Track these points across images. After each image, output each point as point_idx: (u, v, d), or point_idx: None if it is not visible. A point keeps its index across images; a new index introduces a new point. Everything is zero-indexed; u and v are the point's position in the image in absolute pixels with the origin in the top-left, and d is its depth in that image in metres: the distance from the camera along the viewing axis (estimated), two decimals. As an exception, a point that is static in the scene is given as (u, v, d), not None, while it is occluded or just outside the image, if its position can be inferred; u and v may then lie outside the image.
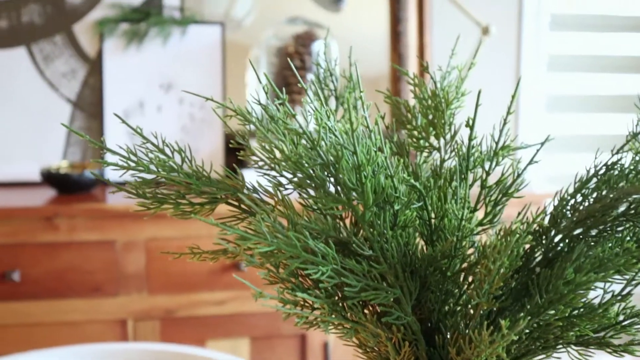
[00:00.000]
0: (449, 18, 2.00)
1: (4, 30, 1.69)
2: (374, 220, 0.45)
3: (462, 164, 0.52)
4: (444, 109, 0.56)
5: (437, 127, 0.56)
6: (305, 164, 0.44)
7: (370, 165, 0.43)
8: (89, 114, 1.73)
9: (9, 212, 1.46)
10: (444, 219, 0.49)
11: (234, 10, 1.93)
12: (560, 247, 0.48)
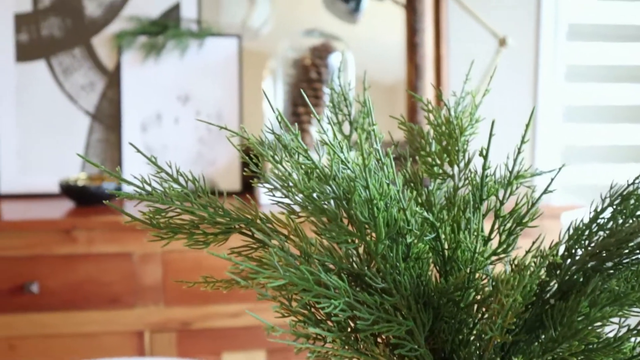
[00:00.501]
0: (466, 29, 1.99)
1: (24, 43, 1.71)
2: (386, 253, 0.45)
3: (475, 193, 0.52)
4: (458, 136, 0.56)
5: (451, 154, 0.56)
6: (317, 197, 0.44)
7: (382, 200, 0.43)
8: (107, 126, 1.75)
9: (28, 224, 1.47)
10: (457, 250, 0.49)
11: (251, 20, 1.94)
12: (575, 279, 0.48)
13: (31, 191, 1.71)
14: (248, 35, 1.89)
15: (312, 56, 1.72)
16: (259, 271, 0.42)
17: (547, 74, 2.09)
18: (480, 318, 0.49)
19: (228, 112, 1.76)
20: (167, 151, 1.74)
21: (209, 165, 1.76)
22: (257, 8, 1.96)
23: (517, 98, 2.10)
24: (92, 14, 1.74)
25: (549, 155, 2.11)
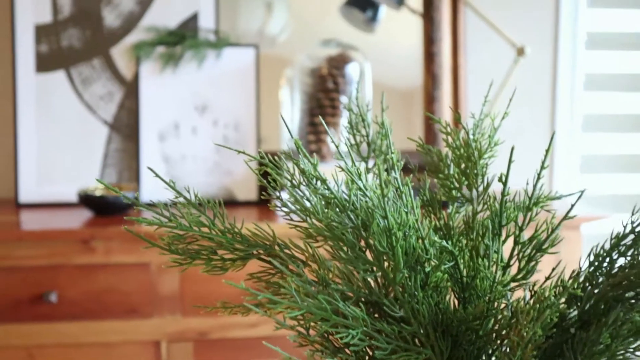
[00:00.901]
0: (483, 38, 1.98)
1: (44, 54, 1.73)
2: (404, 282, 0.45)
3: (494, 219, 0.51)
4: (477, 159, 0.56)
5: (470, 177, 0.55)
6: (335, 227, 0.44)
7: (401, 230, 0.43)
8: (125, 136, 1.76)
9: (47, 234, 1.49)
10: (476, 279, 0.48)
11: (269, 28, 1.95)
12: (596, 309, 0.47)
13: (50, 200, 1.72)
14: (265, 42, 1.90)
15: (329, 66, 1.72)
16: (277, 301, 0.42)
17: (565, 83, 2.07)
18: (499, 346, 0.49)
19: (245, 121, 1.77)
20: (184, 161, 1.75)
21: (226, 175, 1.76)
22: (274, 16, 1.97)
23: (536, 107, 2.09)
24: (111, 24, 1.76)
25: (568, 165, 2.10)
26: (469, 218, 0.55)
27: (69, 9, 1.74)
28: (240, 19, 1.90)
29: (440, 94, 1.92)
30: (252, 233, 0.51)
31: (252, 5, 1.94)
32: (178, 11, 1.77)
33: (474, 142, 0.55)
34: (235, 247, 0.49)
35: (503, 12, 2.03)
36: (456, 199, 0.57)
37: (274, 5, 1.97)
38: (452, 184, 0.57)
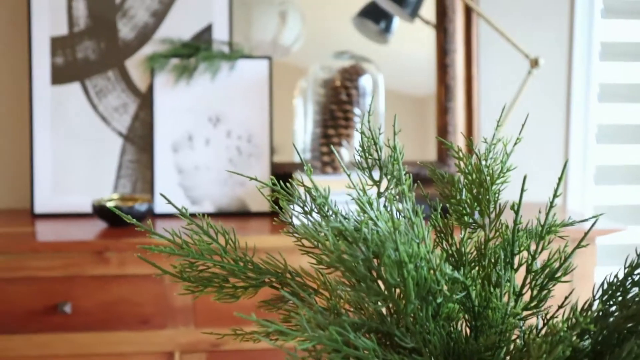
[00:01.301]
0: (497, 49, 1.98)
1: (59, 66, 1.75)
2: (415, 313, 0.45)
3: (506, 248, 0.51)
4: (489, 186, 0.56)
5: (482, 203, 0.55)
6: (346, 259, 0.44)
7: (412, 262, 0.43)
8: (139, 147, 1.77)
9: (62, 245, 1.50)
10: (488, 310, 0.48)
11: (282, 38, 1.95)
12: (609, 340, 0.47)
13: (65, 211, 1.74)
14: (279, 52, 1.90)
15: (342, 78, 1.72)
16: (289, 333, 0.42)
17: (580, 94, 2.06)
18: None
19: (259, 133, 1.77)
20: (197, 172, 1.76)
21: (238, 186, 1.77)
22: (288, 26, 1.97)
23: (550, 118, 2.08)
24: (126, 36, 1.77)
25: (582, 176, 2.08)
26: (480, 245, 0.54)
27: (84, 21, 1.76)
28: (254, 29, 1.91)
29: (453, 105, 1.92)
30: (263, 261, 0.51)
31: (266, 15, 1.95)
32: (192, 23, 1.79)
33: (486, 167, 0.55)
34: (247, 276, 0.49)
35: (517, 23, 2.03)
36: (468, 225, 0.57)
37: (288, 15, 1.98)
38: (464, 210, 0.57)
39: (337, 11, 1.98)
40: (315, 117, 1.75)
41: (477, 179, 0.56)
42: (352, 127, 1.72)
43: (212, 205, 1.76)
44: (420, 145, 1.99)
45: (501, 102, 1.96)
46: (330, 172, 1.71)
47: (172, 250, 0.52)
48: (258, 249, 1.60)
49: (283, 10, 1.99)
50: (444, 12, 1.91)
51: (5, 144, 1.88)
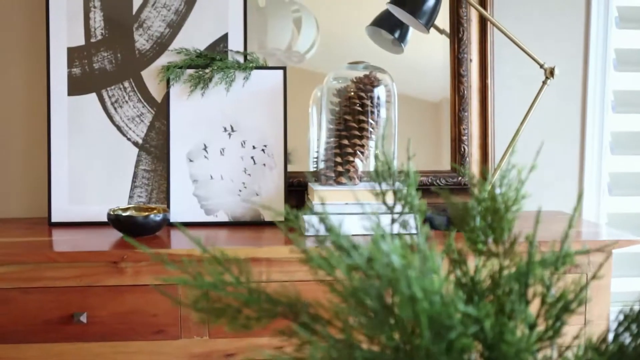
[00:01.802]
0: (511, 59, 1.97)
1: (76, 76, 1.76)
2: (429, 347, 0.45)
3: (520, 279, 0.51)
4: (504, 214, 0.56)
5: (496, 231, 0.55)
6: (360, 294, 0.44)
7: (425, 299, 0.43)
8: (155, 157, 1.78)
9: (78, 255, 1.51)
10: (502, 341, 0.48)
11: (297, 45, 1.96)
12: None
13: (81, 219, 1.75)
14: (294, 59, 1.91)
15: (356, 88, 1.72)
16: (302, 367, 0.42)
17: (595, 103, 2.05)
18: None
19: (273, 142, 1.78)
20: (212, 181, 1.77)
21: (253, 196, 1.78)
22: (302, 32, 1.98)
23: (565, 127, 2.07)
24: (142, 47, 1.78)
25: (597, 186, 2.07)
26: (495, 273, 0.54)
27: (101, 32, 1.77)
28: (269, 36, 1.92)
29: (467, 114, 1.92)
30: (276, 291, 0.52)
31: (281, 22, 1.95)
32: (207, 33, 1.80)
33: (501, 196, 0.55)
34: (260, 307, 0.50)
35: (532, 32, 2.02)
36: (482, 253, 0.56)
37: (302, 21, 1.98)
38: (478, 237, 0.57)
39: (353, 17, 1.98)
40: (329, 126, 1.75)
41: (492, 206, 0.56)
42: (367, 138, 1.72)
43: (226, 215, 1.77)
44: (434, 151, 1.98)
45: (516, 111, 1.95)
46: (344, 182, 1.71)
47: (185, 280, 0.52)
48: (272, 260, 1.60)
49: (297, 17, 2.00)
50: (459, 22, 1.91)
51: (23, 154, 1.90)
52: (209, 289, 0.52)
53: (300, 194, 1.85)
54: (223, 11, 1.80)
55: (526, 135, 1.97)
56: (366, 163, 1.74)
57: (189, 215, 1.76)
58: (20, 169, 1.91)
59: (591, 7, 2.01)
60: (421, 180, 1.91)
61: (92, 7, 1.77)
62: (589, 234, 1.75)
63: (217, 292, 0.50)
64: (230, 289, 0.50)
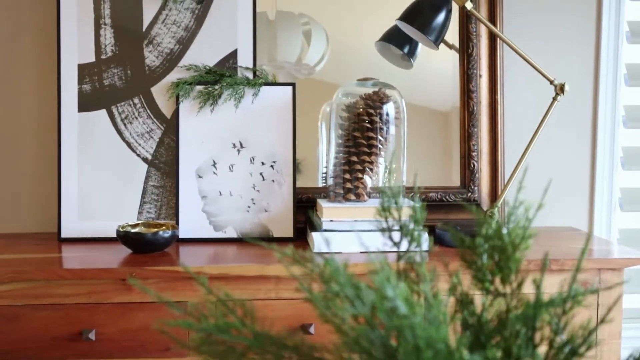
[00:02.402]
0: (522, 74, 1.96)
1: (87, 93, 1.77)
2: (435, 395, 0.45)
3: (528, 323, 0.51)
4: (511, 253, 0.55)
5: (504, 271, 0.55)
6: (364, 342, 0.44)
7: (430, 348, 0.43)
8: (164, 173, 1.79)
9: (87, 273, 1.51)
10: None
11: (307, 57, 1.96)
12: None
13: (90, 235, 1.76)
14: (304, 71, 1.92)
15: (365, 105, 1.72)
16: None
17: (605, 118, 2.04)
18: None
19: (282, 159, 1.78)
20: (221, 198, 1.77)
21: (262, 212, 1.78)
22: (312, 45, 1.98)
23: (576, 143, 2.06)
24: (151, 63, 1.79)
25: (608, 201, 2.06)
26: (501, 314, 0.54)
27: (111, 48, 1.78)
28: (279, 48, 1.93)
29: (477, 130, 1.91)
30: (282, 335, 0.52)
31: (290, 35, 1.96)
32: (217, 50, 1.80)
33: (509, 235, 0.55)
34: (265, 350, 0.49)
35: (542, 47, 2.01)
36: (489, 292, 0.56)
37: (312, 34, 1.98)
38: (485, 276, 0.56)
39: (363, 29, 1.98)
40: (337, 141, 1.75)
41: (499, 245, 0.55)
42: (376, 154, 1.72)
43: (235, 231, 1.77)
44: (444, 166, 1.97)
45: (526, 126, 1.94)
46: (352, 199, 1.71)
47: (190, 324, 0.52)
48: (280, 277, 1.59)
49: (307, 30, 2.00)
50: (468, 37, 1.91)
51: (34, 169, 1.91)
52: (213, 332, 0.52)
53: (309, 209, 1.85)
54: (232, 28, 1.80)
55: (536, 151, 1.97)
56: (375, 179, 1.74)
57: (197, 231, 1.76)
58: (31, 184, 1.92)
59: (602, 21, 2.01)
60: (430, 196, 1.90)
61: (102, 23, 1.78)
62: (601, 251, 1.74)
63: (222, 336, 0.50)
64: (234, 332, 0.50)
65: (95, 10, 1.77)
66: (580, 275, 1.61)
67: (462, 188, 1.92)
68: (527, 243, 0.56)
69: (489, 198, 1.92)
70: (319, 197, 1.83)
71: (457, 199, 1.90)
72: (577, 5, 2.02)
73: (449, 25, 1.78)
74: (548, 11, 2.02)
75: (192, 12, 1.80)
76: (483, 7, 1.92)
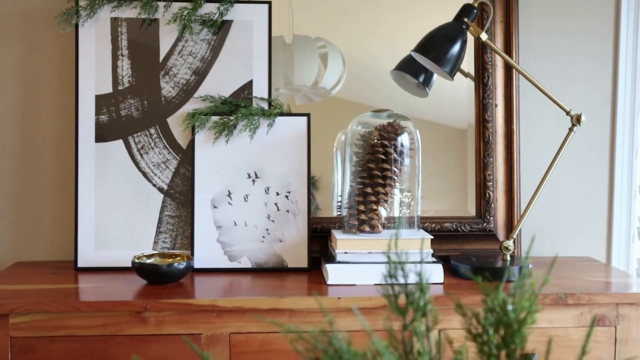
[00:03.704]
0: (538, 104, 1.95)
1: (104, 124, 1.79)
2: None
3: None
4: (516, 330, 0.55)
5: (509, 346, 0.54)
6: None
7: None
8: (180, 202, 1.80)
9: (102, 305, 1.53)
10: None
11: (323, 80, 1.97)
12: None
13: (106, 264, 1.77)
14: (320, 95, 1.93)
15: (380, 136, 1.72)
16: None
17: (623, 148, 2.02)
18: None
19: (297, 189, 1.78)
20: (236, 228, 1.78)
21: (277, 242, 1.78)
22: (329, 68, 1.99)
23: (593, 172, 2.04)
24: (168, 94, 1.81)
25: (626, 230, 2.04)
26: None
27: (128, 79, 1.80)
28: (295, 72, 1.95)
29: (492, 160, 1.90)
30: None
31: (307, 58, 1.97)
32: (232, 80, 1.81)
33: (514, 311, 0.54)
34: None
35: (558, 77, 2.00)
36: (495, 366, 0.56)
37: (329, 58, 1.99)
38: (490, 351, 0.56)
39: (378, 52, 1.99)
40: (352, 169, 1.75)
41: (504, 319, 0.55)
42: (390, 186, 1.72)
43: (249, 261, 1.78)
44: (459, 195, 1.97)
45: (542, 155, 1.93)
46: (367, 230, 1.71)
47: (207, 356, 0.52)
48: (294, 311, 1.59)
49: (324, 53, 2.01)
50: (484, 67, 1.90)
51: (52, 198, 1.94)
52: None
53: (324, 239, 1.85)
54: (248, 58, 1.82)
55: (553, 180, 1.95)
56: (390, 210, 1.74)
57: (212, 261, 1.77)
58: (49, 213, 1.95)
59: (619, 51, 1.99)
60: (446, 226, 1.90)
61: (120, 55, 1.80)
62: (619, 285, 1.72)
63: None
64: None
65: (113, 42, 1.80)
66: (598, 310, 1.60)
67: (478, 218, 1.91)
68: (534, 318, 0.56)
69: (504, 228, 1.91)
70: (333, 228, 1.83)
71: (472, 229, 1.89)
72: (594, 31, 2.01)
73: (464, 55, 1.78)
74: (564, 36, 2.01)
75: (208, 43, 1.82)
76: (499, 37, 1.91)
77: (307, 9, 1.98)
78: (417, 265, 0.66)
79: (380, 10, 1.98)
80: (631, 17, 1.98)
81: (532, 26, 1.99)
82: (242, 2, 1.82)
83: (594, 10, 2.00)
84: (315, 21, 2.00)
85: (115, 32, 1.80)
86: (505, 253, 1.76)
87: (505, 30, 1.91)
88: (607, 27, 2.01)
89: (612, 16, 2.00)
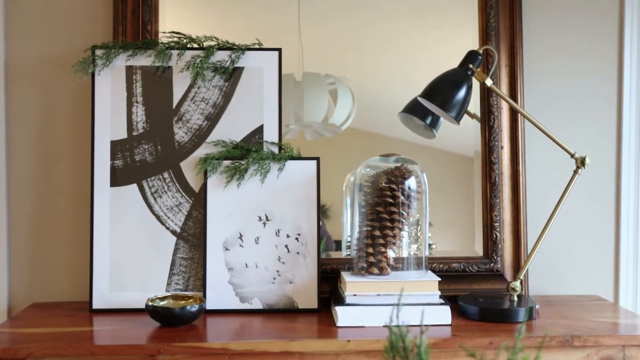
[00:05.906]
0: (543, 145, 1.98)
1: (119, 168, 1.84)
2: None
3: None
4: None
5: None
6: None
7: None
8: (192, 245, 1.84)
9: (116, 349, 1.56)
10: None
11: (333, 116, 2.02)
12: None
13: (121, 306, 1.81)
14: (330, 131, 1.98)
15: (387, 180, 1.76)
16: None
17: (629, 187, 2.04)
18: None
19: (307, 231, 1.82)
20: (247, 270, 1.81)
21: (287, 284, 1.81)
22: (338, 104, 2.04)
23: (599, 211, 2.06)
24: (181, 139, 1.86)
25: (634, 271, 2.05)
26: None
27: (142, 125, 1.85)
28: (305, 108, 1.99)
29: (499, 201, 1.93)
30: None
31: (317, 95, 2.03)
32: (244, 125, 1.86)
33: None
34: None
35: (563, 118, 2.04)
36: None
37: (338, 94, 2.04)
38: None
39: (388, 87, 2.04)
40: (361, 210, 1.78)
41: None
42: (399, 229, 1.75)
43: (260, 303, 1.81)
44: (466, 235, 1.99)
45: (548, 196, 1.96)
46: (375, 272, 1.74)
47: None
48: (305, 354, 1.61)
49: (333, 90, 2.06)
50: (490, 110, 1.94)
51: (68, 241, 1.99)
52: None
53: (333, 280, 1.88)
54: (259, 104, 1.86)
55: (560, 218, 1.98)
56: (398, 251, 1.77)
57: (224, 303, 1.80)
58: (65, 255, 1.99)
59: (623, 93, 2.03)
60: (453, 266, 1.92)
61: (134, 102, 1.85)
62: (627, 326, 1.73)
63: None
64: None
65: (127, 90, 1.85)
66: (604, 352, 1.61)
67: (485, 258, 1.93)
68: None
69: (512, 268, 1.93)
70: (342, 269, 1.86)
71: (480, 270, 1.92)
72: (599, 70, 2.04)
73: (470, 99, 1.82)
74: (569, 77, 2.04)
75: (219, 89, 1.87)
76: (504, 80, 1.95)
77: (317, 47, 2.03)
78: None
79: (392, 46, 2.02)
80: (634, 56, 2.01)
81: (537, 68, 2.03)
82: (253, 49, 1.87)
83: (598, 51, 2.04)
84: (323, 58, 2.05)
85: (130, 79, 1.85)
86: (513, 294, 1.78)
87: (510, 73, 1.95)
88: (611, 67, 2.04)
89: (615, 56, 2.03)
